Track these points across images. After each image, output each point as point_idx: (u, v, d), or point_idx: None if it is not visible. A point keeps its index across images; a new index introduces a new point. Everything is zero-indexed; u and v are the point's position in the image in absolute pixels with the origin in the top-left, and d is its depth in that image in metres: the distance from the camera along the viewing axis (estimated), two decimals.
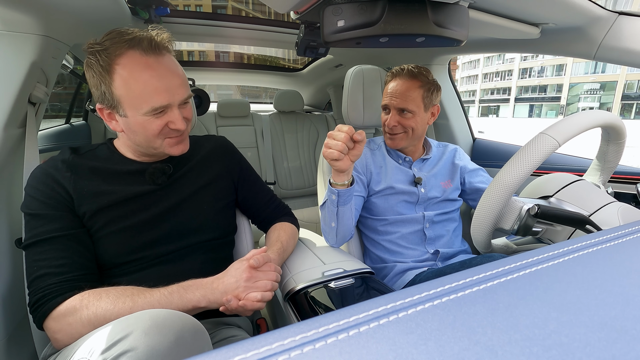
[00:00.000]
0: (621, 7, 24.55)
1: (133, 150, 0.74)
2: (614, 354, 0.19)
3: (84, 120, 1.86)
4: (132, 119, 0.65)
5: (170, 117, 0.67)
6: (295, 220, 0.94)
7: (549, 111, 45.77)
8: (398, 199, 1.03)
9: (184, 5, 1.77)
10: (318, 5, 0.66)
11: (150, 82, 0.63)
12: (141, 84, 0.62)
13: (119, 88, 0.62)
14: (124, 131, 0.69)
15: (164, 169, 0.75)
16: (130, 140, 0.71)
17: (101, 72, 0.62)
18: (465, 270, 0.27)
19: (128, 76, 0.62)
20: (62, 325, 0.56)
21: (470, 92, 58.62)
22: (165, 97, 0.64)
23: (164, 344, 0.44)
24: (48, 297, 0.58)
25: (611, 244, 0.32)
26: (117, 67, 0.62)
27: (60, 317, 0.57)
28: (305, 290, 0.73)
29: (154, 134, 0.67)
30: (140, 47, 0.63)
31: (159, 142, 0.69)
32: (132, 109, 0.64)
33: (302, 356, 0.18)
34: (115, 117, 0.67)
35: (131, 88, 0.62)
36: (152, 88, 0.63)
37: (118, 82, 0.62)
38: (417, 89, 0.99)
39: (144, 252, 0.70)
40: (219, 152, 0.87)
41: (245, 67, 2.44)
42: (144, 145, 0.70)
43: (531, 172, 0.66)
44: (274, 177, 2.20)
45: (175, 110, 0.67)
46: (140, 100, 0.63)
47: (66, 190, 0.66)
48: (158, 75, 0.64)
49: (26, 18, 0.80)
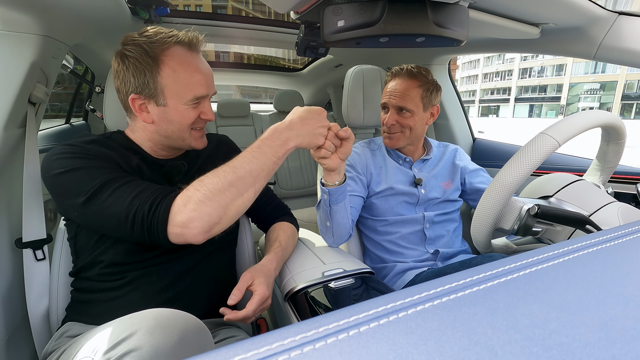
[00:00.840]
0: (621, 7, 24.57)
1: (153, 144, 0.75)
2: (614, 354, 0.19)
3: (84, 120, 1.86)
4: (171, 108, 0.69)
5: (203, 108, 0.73)
6: (294, 220, 0.94)
7: (549, 111, 45.77)
8: (398, 200, 1.03)
9: (184, 5, 1.77)
10: (318, 5, 0.66)
11: (195, 74, 0.69)
12: (189, 74, 0.68)
13: (166, 77, 0.67)
14: (154, 122, 0.70)
15: (179, 167, 0.76)
16: (159, 132, 0.72)
17: (148, 61, 0.66)
18: (465, 270, 0.27)
19: (177, 66, 0.67)
20: (189, 213, 0.55)
21: (470, 92, 58.63)
22: (205, 89, 0.71)
23: (168, 344, 0.44)
24: (160, 198, 0.57)
25: (611, 244, 0.32)
26: (165, 59, 0.66)
27: (182, 208, 0.55)
28: (305, 290, 0.73)
29: (188, 123, 0.71)
30: (184, 44, 0.69)
31: (188, 133, 0.73)
32: (176, 97, 0.68)
33: (302, 356, 0.18)
34: (148, 108, 0.69)
35: (179, 77, 0.67)
36: (197, 79, 0.69)
37: (166, 72, 0.66)
38: (416, 89, 0.99)
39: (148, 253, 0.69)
40: (222, 149, 0.88)
41: (245, 67, 2.44)
42: (174, 136, 0.72)
43: (531, 172, 0.66)
44: (274, 177, 2.20)
45: (208, 103, 0.74)
46: (186, 89, 0.68)
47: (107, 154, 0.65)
48: (201, 69, 0.70)
49: (26, 18, 0.80)
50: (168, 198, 0.57)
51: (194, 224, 0.55)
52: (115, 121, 0.87)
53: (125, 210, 0.57)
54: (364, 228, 1.09)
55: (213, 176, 0.58)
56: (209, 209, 0.55)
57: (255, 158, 0.60)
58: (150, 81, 0.66)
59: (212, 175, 0.58)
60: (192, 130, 0.73)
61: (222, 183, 0.56)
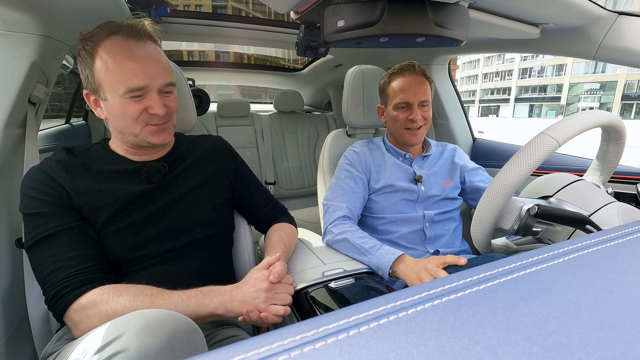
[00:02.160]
0: (621, 7, 24.55)
1: (125, 147, 0.74)
2: (614, 354, 0.19)
3: (84, 120, 1.86)
4: (111, 102, 0.66)
5: (149, 101, 0.67)
6: (292, 220, 0.94)
7: (549, 111, 45.76)
8: (398, 197, 1.03)
9: (184, 5, 1.77)
10: (318, 5, 0.66)
11: (126, 63, 0.64)
12: (118, 64, 0.64)
13: (99, 70, 0.65)
14: (107, 117, 0.70)
15: (159, 167, 0.75)
16: (115, 128, 0.71)
17: (85, 56, 0.66)
18: (465, 270, 0.27)
19: (107, 57, 0.64)
20: (82, 318, 0.57)
21: (470, 92, 58.61)
22: (142, 79, 0.65)
23: (156, 345, 0.44)
24: (67, 290, 0.58)
25: (611, 244, 0.32)
26: (99, 50, 0.65)
27: (81, 310, 0.57)
28: (306, 290, 0.73)
29: (132, 118, 0.67)
30: (122, 33, 0.66)
31: (139, 128, 0.69)
32: (111, 90, 0.65)
33: (302, 356, 0.18)
34: (99, 103, 0.69)
35: (109, 69, 0.64)
36: (129, 69, 0.64)
37: (98, 64, 0.65)
38: (426, 82, 1.04)
39: (141, 251, 0.70)
40: (215, 152, 0.87)
41: (245, 67, 2.44)
42: (126, 131, 0.70)
43: (531, 172, 0.66)
44: (274, 177, 2.20)
45: (154, 95, 0.68)
46: (117, 80, 0.64)
47: (64, 188, 0.66)
48: (136, 57, 0.65)
49: (26, 18, 0.80)
50: (72, 295, 0.58)
51: (81, 327, 0.57)
52: None
53: (41, 281, 0.61)
54: (364, 227, 1.09)
55: (133, 296, 0.58)
56: (101, 321, 0.55)
57: (179, 302, 0.59)
58: (89, 75, 0.66)
59: (133, 295, 0.58)
60: (146, 126, 0.69)
61: (131, 310, 0.54)
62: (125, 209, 0.70)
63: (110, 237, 0.68)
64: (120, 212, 0.69)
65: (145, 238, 0.71)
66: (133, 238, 0.69)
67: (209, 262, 0.77)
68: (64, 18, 0.89)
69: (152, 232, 0.71)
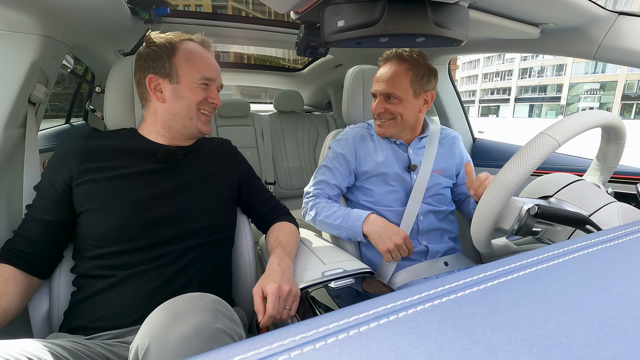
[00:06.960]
0: (621, 7, 24.57)
1: (161, 128, 0.80)
2: (614, 354, 0.19)
3: (84, 120, 1.86)
4: (183, 85, 0.78)
5: (211, 92, 0.82)
6: (293, 219, 0.95)
7: (549, 111, 45.76)
8: (390, 186, 1.02)
9: (184, 5, 1.77)
10: (318, 5, 0.66)
11: (206, 59, 0.81)
12: (200, 58, 0.80)
13: (181, 59, 0.77)
14: (166, 101, 0.78)
15: (176, 151, 0.80)
16: (170, 111, 0.79)
17: (166, 46, 0.77)
18: (465, 270, 0.27)
19: (191, 50, 0.79)
20: None
21: (470, 92, 58.62)
22: (215, 73, 0.82)
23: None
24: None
25: (611, 244, 0.32)
26: (181, 46, 0.79)
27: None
28: (306, 290, 0.73)
29: (196, 100, 0.79)
30: (198, 42, 0.83)
31: (196, 113, 0.80)
32: (188, 75, 0.78)
33: (302, 356, 0.18)
34: (162, 88, 0.78)
35: (191, 59, 0.78)
36: (208, 63, 0.81)
37: (181, 54, 0.78)
38: (405, 73, 0.96)
39: (145, 231, 0.70)
40: (223, 151, 0.90)
41: (245, 67, 2.44)
42: (183, 113, 0.79)
43: (531, 172, 0.66)
44: (274, 177, 2.20)
45: (215, 89, 0.84)
46: (196, 69, 0.78)
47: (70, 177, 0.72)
48: (211, 58, 0.83)
49: (26, 18, 0.80)
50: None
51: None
52: (115, 121, 0.87)
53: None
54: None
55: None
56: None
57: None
58: (166, 62, 0.77)
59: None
60: (199, 113, 0.80)
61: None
62: (133, 184, 0.73)
63: (114, 210, 0.70)
64: (128, 186, 0.72)
65: (149, 219, 0.71)
66: (136, 216, 0.71)
67: (208, 260, 0.77)
68: (64, 18, 0.89)
69: (157, 214, 0.72)
